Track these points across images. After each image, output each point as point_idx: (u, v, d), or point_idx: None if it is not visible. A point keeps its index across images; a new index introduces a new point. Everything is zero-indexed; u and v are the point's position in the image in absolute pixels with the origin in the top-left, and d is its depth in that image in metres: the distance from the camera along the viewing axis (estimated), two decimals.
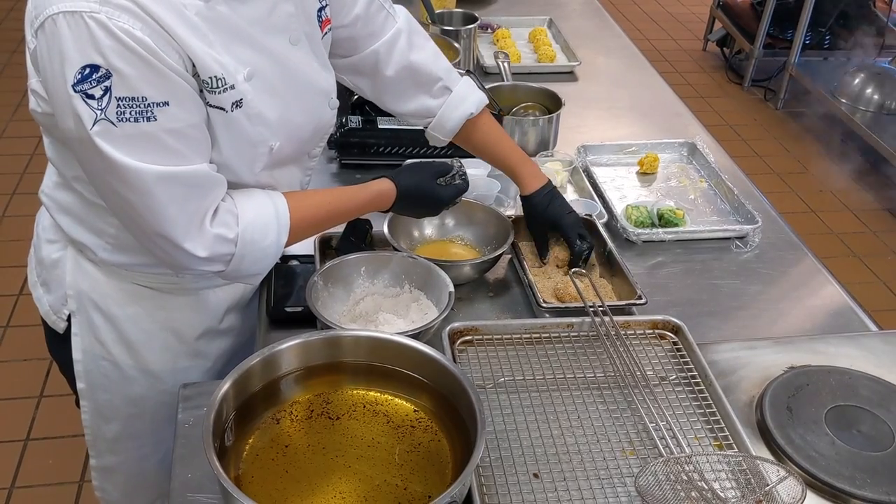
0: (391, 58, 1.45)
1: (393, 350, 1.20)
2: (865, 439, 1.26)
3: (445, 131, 1.53)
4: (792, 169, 4.21)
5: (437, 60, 1.52)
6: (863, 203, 4.00)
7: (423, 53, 1.50)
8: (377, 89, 1.49)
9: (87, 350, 1.39)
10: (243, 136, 1.20)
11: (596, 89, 2.37)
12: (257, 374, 1.14)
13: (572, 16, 2.83)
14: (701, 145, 2.02)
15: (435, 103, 1.51)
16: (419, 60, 1.49)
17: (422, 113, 1.52)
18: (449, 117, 1.51)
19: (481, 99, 1.54)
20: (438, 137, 1.54)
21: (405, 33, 1.47)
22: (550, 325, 1.39)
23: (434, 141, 1.56)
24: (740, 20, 4.94)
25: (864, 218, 3.89)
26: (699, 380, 1.32)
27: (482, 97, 1.55)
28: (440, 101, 1.51)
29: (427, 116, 1.52)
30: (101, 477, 1.54)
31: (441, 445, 1.14)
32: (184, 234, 1.15)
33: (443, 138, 1.54)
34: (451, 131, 1.53)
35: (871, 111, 4.19)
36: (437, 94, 1.51)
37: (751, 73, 4.88)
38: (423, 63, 1.49)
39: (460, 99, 1.51)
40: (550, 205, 1.55)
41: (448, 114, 1.51)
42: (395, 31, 1.45)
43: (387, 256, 1.48)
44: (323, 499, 1.05)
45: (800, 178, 4.14)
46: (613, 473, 1.16)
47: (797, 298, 1.64)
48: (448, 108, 1.51)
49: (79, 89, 1.04)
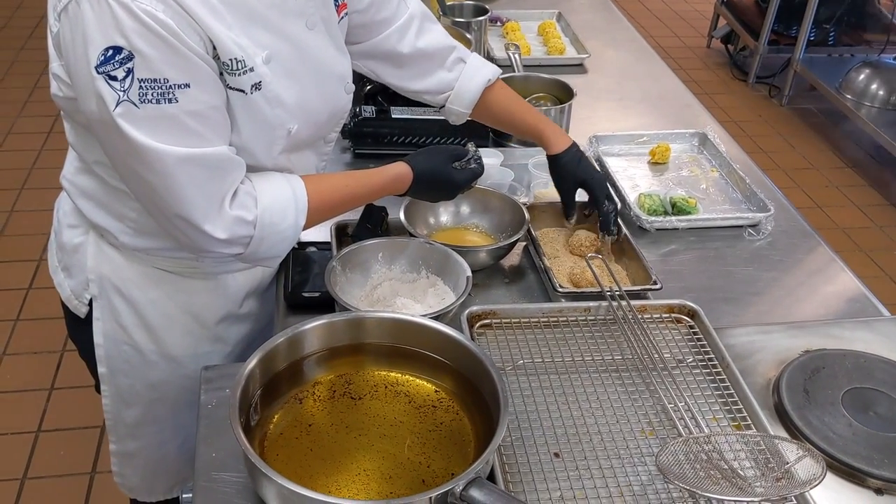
0: (404, 42, 1.46)
1: (415, 331, 1.21)
2: (882, 420, 1.27)
3: (465, 103, 1.53)
4: (798, 165, 4.22)
5: (447, 39, 1.53)
6: (869, 198, 4.01)
7: (434, 36, 1.51)
8: (392, 73, 1.51)
9: (109, 334, 1.40)
10: (262, 119, 1.21)
11: (606, 81, 2.38)
12: (282, 354, 1.16)
13: (580, 9, 2.84)
14: (712, 136, 2.03)
15: (451, 76, 1.52)
16: (430, 44, 1.50)
17: (439, 88, 1.52)
18: (467, 88, 1.52)
19: (495, 69, 1.56)
20: (459, 111, 1.54)
21: (417, 18, 1.48)
22: (567, 310, 1.40)
23: (454, 118, 1.57)
24: (745, 17, 4.95)
25: (871, 213, 3.90)
26: (716, 362, 1.33)
27: (496, 68, 1.56)
28: (456, 73, 1.52)
29: (445, 91, 1.53)
30: (121, 462, 1.55)
31: (463, 425, 1.15)
32: (203, 215, 1.16)
33: (463, 111, 1.54)
34: (470, 102, 1.53)
35: (877, 107, 4.19)
36: (452, 66, 1.52)
37: (755, 69, 4.89)
38: (435, 45, 1.51)
39: (475, 69, 1.53)
40: (580, 163, 1.55)
41: (465, 84, 1.52)
42: (408, 16, 1.46)
43: (404, 242, 1.49)
44: (347, 476, 1.06)
45: (806, 173, 4.14)
46: (633, 453, 1.17)
47: (811, 285, 1.65)
48: (465, 79, 1.52)
49: (102, 71, 1.05)
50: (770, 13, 4.63)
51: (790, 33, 4.71)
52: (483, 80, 1.53)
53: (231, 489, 1.11)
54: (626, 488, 1.12)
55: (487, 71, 1.55)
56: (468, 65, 1.54)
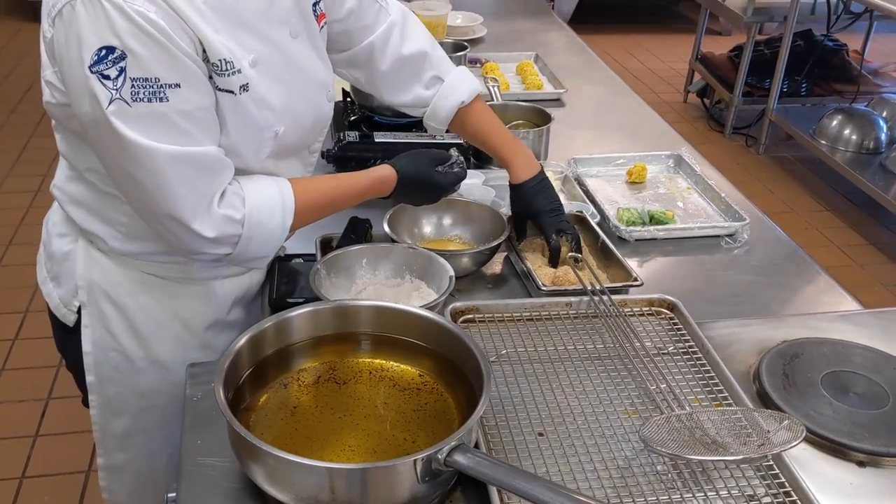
0: (385, 50, 1.52)
1: (398, 318, 1.23)
2: (861, 399, 1.29)
3: (439, 120, 1.59)
4: (778, 209, 4.29)
5: (432, 49, 1.58)
6: (849, 239, 4.07)
7: (417, 44, 1.56)
8: (373, 81, 1.56)
9: (98, 342, 1.41)
10: (250, 121, 1.25)
11: (583, 113, 2.45)
12: (269, 339, 1.17)
13: (557, 52, 2.93)
14: (687, 156, 2.09)
15: (428, 93, 1.57)
16: (413, 52, 1.55)
17: (417, 103, 1.59)
18: (441, 106, 1.57)
19: (473, 88, 1.60)
20: (435, 126, 1.60)
21: (399, 26, 1.54)
22: (549, 304, 1.43)
23: (432, 130, 1.63)
24: (719, 71, 5.09)
25: (851, 253, 3.96)
26: (696, 349, 1.35)
27: (474, 87, 1.61)
28: (432, 92, 1.57)
29: (422, 106, 1.59)
30: (109, 476, 1.54)
31: (447, 405, 1.16)
32: (192, 214, 1.19)
33: (438, 127, 1.60)
34: (444, 120, 1.59)
35: (851, 151, 4.29)
36: (430, 85, 1.57)
37: (731, 120, 5.01)
38: (417, 54, 1.56)
39: (451, 89, 1.58)
40: (536, 197, 1.58)
41: (440, 103, 1.57)
42: (388, 24, 1.52)
43: (387, 248, 1.51)
44: (332, 452, 1.07)
45: (785, 216, 4.21)
46: (617, 431, 1.18)
47: (790, 287, 1.68)
48: (440, 98, 1.57)
49: (95, 70, 1.09)
50: (743, 67, 4.77)
51: (763, 86, 4.85)
52: (456, 101, 1.58)
53: (217, 472, 1.11)
54: (612, 463, 1.13)
55: (462, 92, 1.59)
56: (445, 84, 1.59)
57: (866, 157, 4.26)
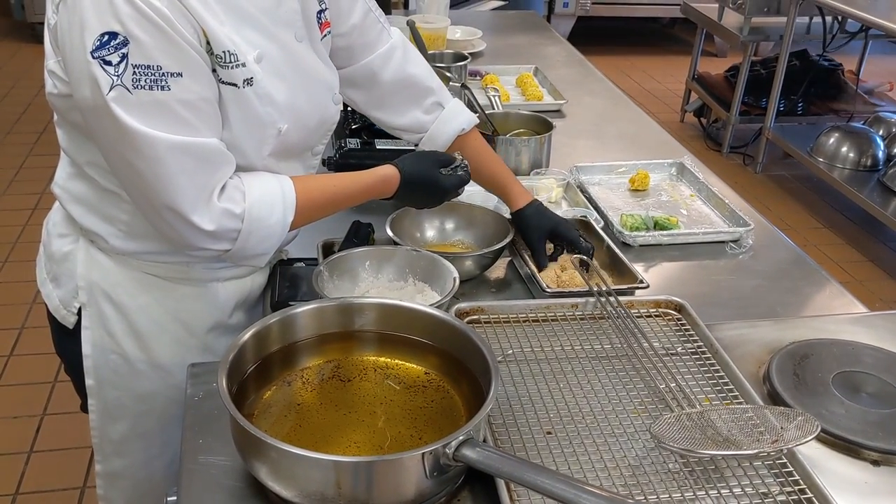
0: (387, 70, 1.51)
1: (402, 315, 1.21)
2: (873, 399, 1.27)
3: (437, 145, 1.57)
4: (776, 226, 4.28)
5: (431, 76, 1.58)
6: (848, 255, 4.07)
7: (419, 68, 1.56)
8: (371, 102, 1.55)
9: (97, 343, 1.38)
10: (253, 115, 1.24)
11: (584, 123, 2.45)
12: (274, 335, 1.16)
13: (556, 65, 2.93)
14: (689, 164, 2.08)
15: (427, 118, 1.56)
16: (415, 73, 1.55)
17: (414, 128, 1.57)
18: (441, 132, 1.56)
19: (472, 118, 1.60)
20: None
21: (400, 49, 1.54)
22: (555, 306, 1.41)
23: None
24: (715, 90, 5.11)
25: (850, 269, 3.95)
26: (705, 349, 1.33)
27: (472, 117, 1.61)
28: (432, 117, 1.57)
29: (419, 131, 1.57)
30: (107, 484, 1.50)
31: (453, 402, 1.14)
32: (192, 206, 1.17)
33: None
34: (442, 146, 1.57)
35: (848, 168, 4.30)
36: (430, 110, 1.57)
37: (728, 139, 5.01)
38: (419, 76, 1.55)
39: (452, 115, 1.57)
40: (545, 214, 1.59)
41: (440, 129, 1.56)
42: (390, 46, 1.52)
43: (391, 250, 1.50)
44: (338, 448, 1.05)
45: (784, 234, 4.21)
46: (627, 430, 1.16)
47: (796, 292, 1.67)
48: (440, 123, 1.56)
49: (97, 55, 1.08)
50: (739, 87, 4.79)
51: (760, 105, 4.86)
52: (458, 127, 1.58)
53: (218, 471, 1.08)
54: (622, 461, 1.11)
55: (463, 119, 1.59)
56: (446, 110, 1.58)
57: (864, 174, 4.27)
